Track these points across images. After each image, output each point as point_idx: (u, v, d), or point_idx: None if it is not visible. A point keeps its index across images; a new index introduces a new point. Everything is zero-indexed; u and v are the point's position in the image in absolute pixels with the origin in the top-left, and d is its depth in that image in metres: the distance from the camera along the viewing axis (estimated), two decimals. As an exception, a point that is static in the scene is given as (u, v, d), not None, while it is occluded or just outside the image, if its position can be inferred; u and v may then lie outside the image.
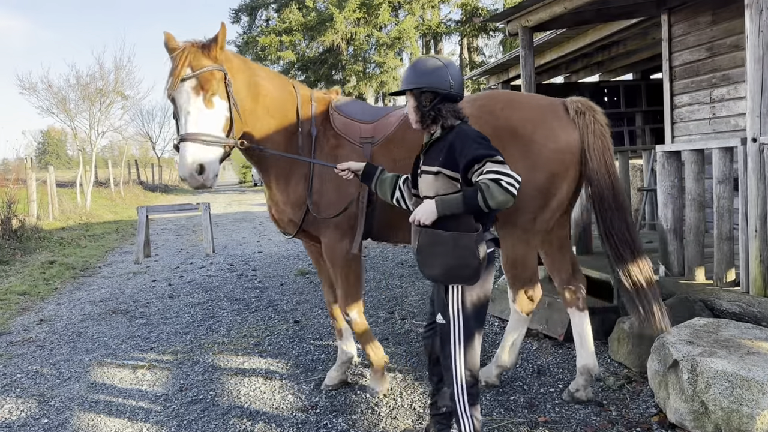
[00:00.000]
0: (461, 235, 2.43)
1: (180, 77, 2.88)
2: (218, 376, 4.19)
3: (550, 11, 5.59)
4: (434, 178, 2.50)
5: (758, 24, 3.53)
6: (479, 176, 2.34)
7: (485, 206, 2.31)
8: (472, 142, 2.43)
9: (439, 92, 2.51)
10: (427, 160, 2.58)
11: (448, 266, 2.46)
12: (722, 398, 2.88)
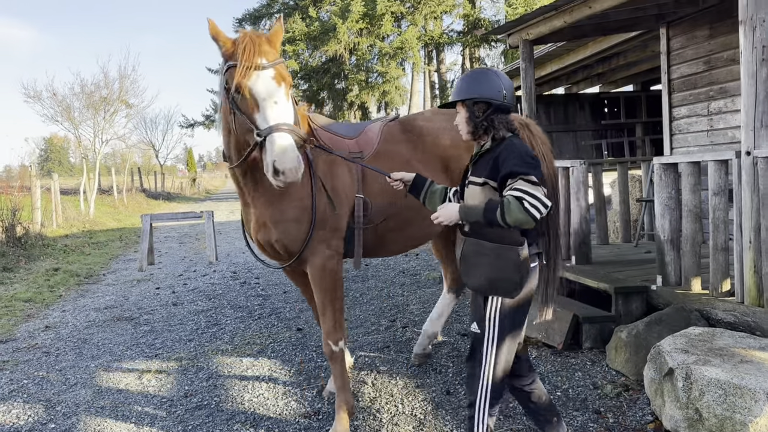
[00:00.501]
0: (504, 248, 2.44)
1: (259, 66, 2.68)
2: (222, 382, 4.25)
3: (550, 25, 5.70)
4: (481, 189, 2.52)
5: (752, 40, 3.63)
6: (507, 191, 2.38)
7: (503, 221, 2.34)
8: (514, 157, 2.44)
9: (492, 103, 2.53)
10: (475, 171, 2.61)
11: (490, 278, 2.48)
12: (716, 405, 2.94)
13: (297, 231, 3.19)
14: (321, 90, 24.22)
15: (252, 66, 2.64)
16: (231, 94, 2.70)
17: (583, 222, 5.48)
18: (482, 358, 2.55)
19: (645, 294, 4.52)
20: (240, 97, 2.68)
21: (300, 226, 3.18)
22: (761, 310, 3.61)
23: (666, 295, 4.35)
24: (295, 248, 3.22)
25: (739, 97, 5.89)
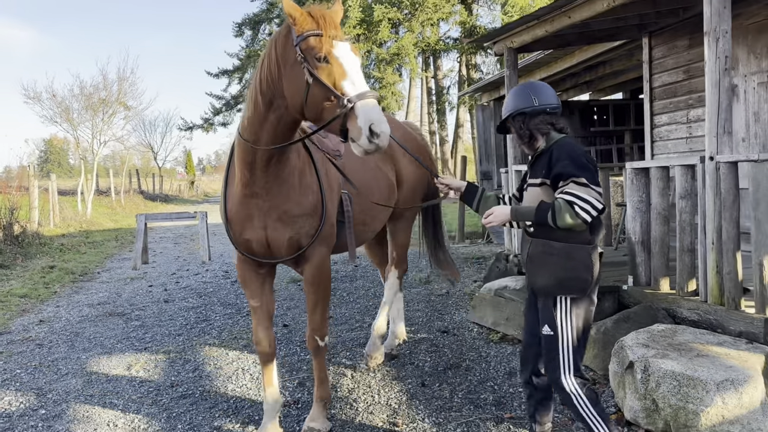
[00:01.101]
0: (574, 247, 2.52)
1: (342, 37, 2.69)
2: (207, 373, 4.41)
3: (532, 34, 5.89)
4: (540, 190, 2.63)
5: (715, 50, 3.81)
6: (559, 194, 2.48)
7: (553, 224, 2.45)
8: (565, 158, 2.53)
9: (525, 111, 2.68)
10: (533, 174, 2.72)
11: (559, 278, 2.54)
12: (670, 396, 3.11)
13: (310, 226, 3.16)
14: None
15: (337, 36, 2.65)
16: (312, 62, 2.60)
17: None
18: (560, 360, 2.60)
19: (617, 293, 4.69)
20: (325, 66, 2.59)
21: (313, 222, 3.17)
22: (722, 309, 3.78)
23: (636, 294, 4.51)
24: (305, 244, 3.16)
25: (716, 106, 6.08)
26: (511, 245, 6.80)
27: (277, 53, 2.75)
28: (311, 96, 2.61)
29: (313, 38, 2.60)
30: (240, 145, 2.96)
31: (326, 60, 2.58)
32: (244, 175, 3.01)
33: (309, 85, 2.60)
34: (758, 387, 3.06)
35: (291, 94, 2.71)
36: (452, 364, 4.42)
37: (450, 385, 4.02)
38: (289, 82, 2.71)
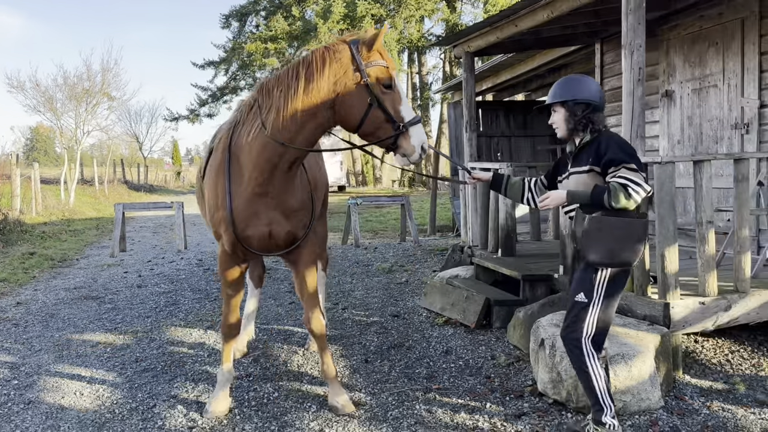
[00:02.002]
0: (633, 222, 2.85)
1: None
2: (171, 351, 4.79)
3: (486, 39, 6.29)
4: (587, 176, 2.95)
5: (630, 62, 4.23)
6: (612, 178, 2.82)
7: (609, 205, 2.79)
8: (615, 146, 2.89)
9: (592, 103, 3.02)
10: (577, 163, 3.03)
11: (615, 250, 2.83)
12: (572, 369, 3.51)
13: (306, 218, 3.49)
14: (303, 88, 24.72)
15: (395, 69, 3.10)
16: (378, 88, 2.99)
17: (508, 218, 6.07)
18: (584, 324, 2.95)
19: (549, 281, 5.12)
20: (389, 93, 3.01)
21: (307, 214, 3.50)
22: (632, 295, 4.21)
23: (565, 282, 4.93)
24: (300, 236, 3.48)
25: (657, 110, 6.55)
26: (467, 238, 7.21)
27: (334, 73, 3.03)
28: (371, 116, 3.02)
29: (380, 68, 3.01)
30: (266, 146, 3.15)
31: (390, 87, 3.02)
32: (260, 175, 3.22)
33: (371, 106, 3.00)
34: (647, 362, 3.49)
35: (346, 111, 3.07)
36: (396, 343, 4.83)
37: (390, 362, 4.43)
38: (345, 100, 3.05)
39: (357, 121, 3.05)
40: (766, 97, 5.28)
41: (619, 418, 3.38)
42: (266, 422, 3.48)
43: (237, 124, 3.39)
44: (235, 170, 3.31)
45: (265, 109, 3.19)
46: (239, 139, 3.30)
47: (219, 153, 3.44)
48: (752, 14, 5.33)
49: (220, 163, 3.39)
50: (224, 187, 3.32)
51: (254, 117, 3.25)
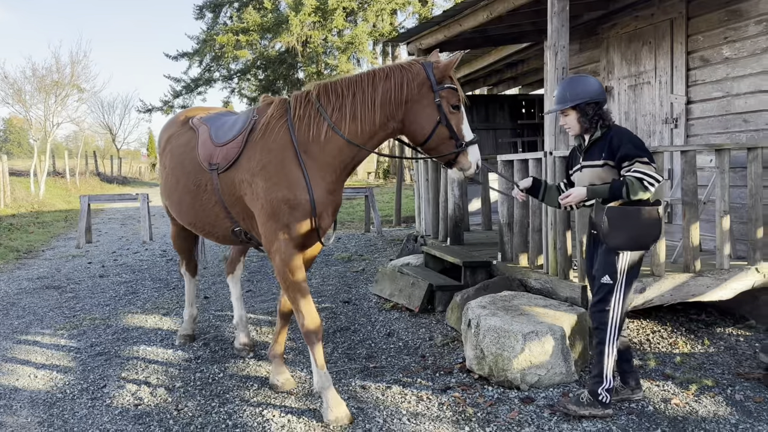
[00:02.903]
0: (647, 209, 3.09)
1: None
2: (125, 336, 5.00)
3: (435, 37, 6.55)
4: (601, 170, 3.19)
5: (554, 63, 4.53)
6: (627, 171, 3.05)
7: (627, 197, 3.03)
8: (628, 141, 3.13)
9: (599, 101, 3.26)
10: (590, 157, 3.27)
11: (635, 236, 3.09)
12: (492, 345, 3.84)
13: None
14: (277, 80, 24.75)
15: (462, 91, 3.35)
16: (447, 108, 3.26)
17: (457, 209, 6.37)
18: (612, 304, 3.19)
19: (489, 267, 5.43)
20: (455, 113, 3.28)
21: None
22: (556, 278, 4.53)
23: (502, 268, 5.25)
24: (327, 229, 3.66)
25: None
26: (420, 228, 7.50)
27: (409, 91, 3.27)
28: (438, 133, 3.29)
29: (451, 90, 3.28)
30: (343, 147, 3.34)
31: (457, 109, 3.30)
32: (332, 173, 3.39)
33: (438, 124, 3.27)
34: (559, 339, 3.80)
35: (416, 127, 3.31)
36: (343, 327, 5.10)
37: (334, 344, 4.70)
38: (416, 115, 3.29)
39: (425, 137, 3.31)
40: (693, 93, 5.63)
41: (535, 390, 3.70)
42: (209, 400, 3.72)
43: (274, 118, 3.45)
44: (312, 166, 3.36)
45: (334, 111, 3.33)
46: (303, 135, 3.36)
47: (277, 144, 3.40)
48: (680, 15, 5.67)
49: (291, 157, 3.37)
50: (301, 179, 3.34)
51: (316, 115, 3.35)
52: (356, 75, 3.42)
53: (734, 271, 4.47)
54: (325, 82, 3.45)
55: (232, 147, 3.59)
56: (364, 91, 3.30)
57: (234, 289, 4.74)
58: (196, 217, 3.91)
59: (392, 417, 3.43)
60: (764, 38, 4.89)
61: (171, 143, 4.17)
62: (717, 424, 3.26)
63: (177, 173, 3.95)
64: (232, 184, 3.58)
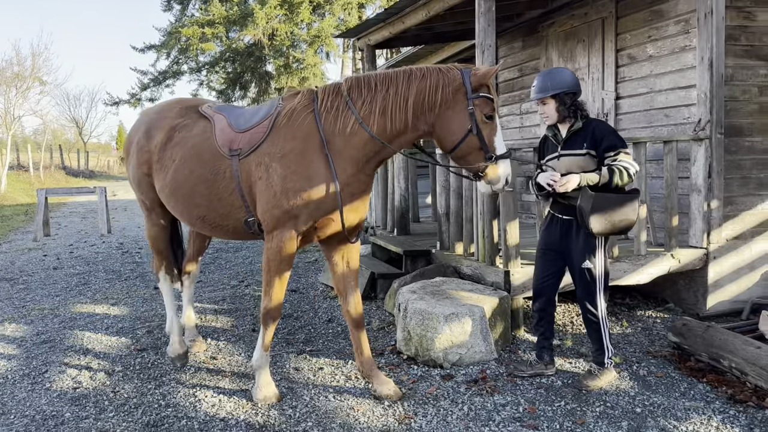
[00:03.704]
0: (630, 197, 3.34)
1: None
2: (71, 326, 5.11)
3: (381, 34, 6.75)
4: (582, 159, 3.40)
5: (482, 60, 4.76)
6: (613, 161, 3.29)
7: (612, 184, 3.28)
8: (611, 133, 3.40)
9: (576, 92, 3.49)
10: (571, 146, 3.47)
11: (616, 221, 3.32)
12: (417, 327, 4.07)
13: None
14: (244, 72, 24.69)
15: (497, 102, 3.30)
16: (480, 117, 3.16)
17: (403, 200, 6.59)
18: (596, 287, 3.52)
19: (428, 256, 5.67)
20: (488, 123, 3.18)
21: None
22: (484, 265, 4.78)
23: (440, 256, 5.49)
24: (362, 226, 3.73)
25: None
26: (371, 219, 7.71)
27: (443, 95, 3.18)
28: (468, 142, 3.18)
29: (486, 99, 3.18)
30: (368, 142, 3.29)
31: (491, 119, 3.20)
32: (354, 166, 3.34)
33: (469, 132, 3.16)
34: (477, 319, 4.05)
35: (445, 132, 3.22)
36: (286, 314, 5.29)
37: (275, 330, 4.88)
38: (448, 121, 3.21)
39: (453, 144, 3.22)
40: (621, 89, 5.93)
41: (456, 368, 3.95)
42: (145, 383, 3.89)
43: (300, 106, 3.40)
44: (339, 159, 3.33)
45: (363, 104, 3.29)
46: (329, 126, 3.33)
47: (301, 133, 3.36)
48: (610, 15, 5.96)
49: (315, 147, 3.33)
50: (326, 171, 3.31)
51: (344, 108, 3.31)
52: (392, 71, 3.35)
53: (650, 257, 4.77)
54: (358, 75, 3.41)
55: (257, 132, 3.47)
56: (397, 87, 3.24)
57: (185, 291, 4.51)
58: (209, 208, 3.66)
59: (319, 395, 3.64)
60: (682, 37, 5.20)
61: (179, 134, 3.80)
62: (617, 396, 3.54)
63: (191, 164, 3.66)
64: (251, 168, 3.45)
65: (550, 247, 3.74)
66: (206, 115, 3.77)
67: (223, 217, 3.64)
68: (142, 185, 4.02)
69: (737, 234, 5.07)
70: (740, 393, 3.54)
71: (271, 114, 3.49)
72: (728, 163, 4.96)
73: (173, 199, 3.79)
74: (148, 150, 3.89)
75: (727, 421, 3.22)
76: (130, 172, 4.10)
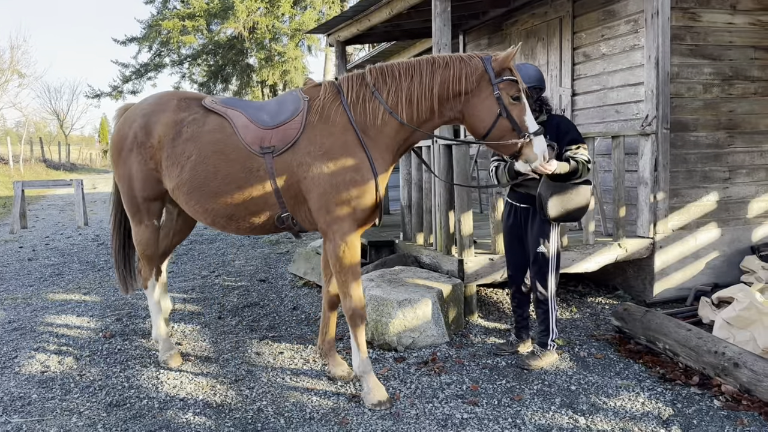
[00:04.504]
0: (583, 187, 3.62)
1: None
2: (42, 313, 5.27)
3: (349, 31, 6.92)
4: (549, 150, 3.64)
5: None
6: (573, 154, 3.54)
7: (577, 174, 3.54)
8: (574, 129, 3.67)
9: (542, 87, 3.72)
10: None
11: (569, 209, 3.60)
12: (373, 312, 4.28)
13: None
14: (226, 65, 24.68)
15: (522, 82, 3.32)
16: (507, 99, 3.23)
17: (370, 192, 6.78)
18: (549, 270, 3.79)
19: (392, 246, 5.88)
20: (516, 104, 3.24)
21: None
22: (441, 254, 5.00)
23: (402, 246, 5.71)
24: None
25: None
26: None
27: (467, 84, 3.25)
28: (499, 125, 3.26)
29: (510, 82, 3.25)
30: (399, 129, 3.37)
31: (518, 100, 3.26)
32: (390, 154, 3.44)
33: (499, 116, 3.24)
34: (429, 305, 4.27)
35: (476, 120, 3.30)
36: (252, 303, 5.48)
37: (240, 318, 5.08)
38: (476, 108, 3.28)
39: (485, 129, 3.30)
40: (577, 86, 6.17)
41: (409, 351, 4.17)
42: (111, 367, 4.06)
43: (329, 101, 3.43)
44: (375, 146, 3.39)
45: (389, 93, 3.35)
46: (360, 117, 3.38)
47: (337, 128, 3.39)
48: (567, 14, 6.18)
49: (353, 140, 3.37)
50: (365, 161, 3.36)
51: (371, 98, 3.36)
52: (415, 60, 3.41)
53: (598, 246, 5.02)
54: (381, 65, 3.43)
55: (291, 128, 3.43)
56: (422, 76, 3.30)
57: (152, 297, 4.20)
58: (239, 207, 3.54)
59: (277, 377, 3.84)
60: (632, 37, 5.44)
61: (188, 129, 3.64)
62: (555, 376, 3.79)
63: (214, 161, 3.52)
64: (289, 167, 3.41)
65: (514, 234, 4.01)
66: (216, 111, 3.63)
67: (254, 213, 3.56)
68: (147, 181, 3.81)
69: (683, 224, 5.34)
70: (671, 372, 3.80)
71: (301, 109, 3.46)
72: (674, 156, 5.22)
73: (194, 197, 3.61)
74: (151, 146, 3.72)
75: (653, 397, 3.47)
76: (127, 168, 3.85)
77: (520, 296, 4.11)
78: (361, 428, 3.16)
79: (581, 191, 3.67)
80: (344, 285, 3.44)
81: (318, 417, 3.29)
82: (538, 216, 3.78)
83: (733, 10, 5.36)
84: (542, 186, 3.67)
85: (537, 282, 3.89)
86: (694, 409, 3.31)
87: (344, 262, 3.40)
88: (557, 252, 3.87)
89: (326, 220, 3.39)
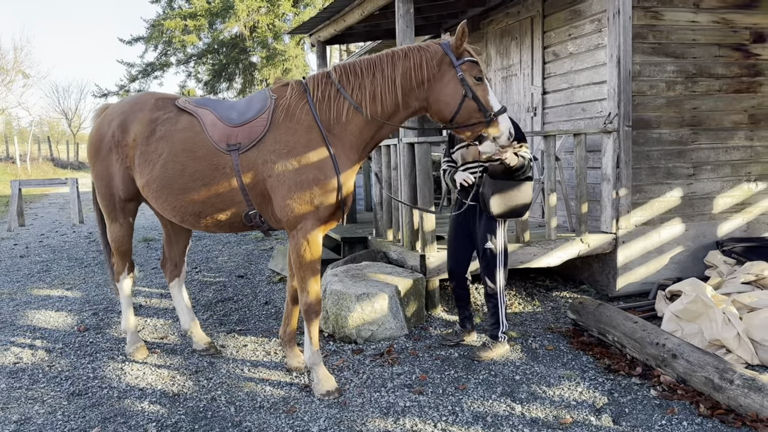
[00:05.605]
0: (526, 184, 3.79)
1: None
2: (24, 308, 5.46)
3: (328, 31, 7.06)
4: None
5: (403, 59, 5.08)
6: (517, 151, 3.64)
7: (523, 169, 3.73)
8: (517, 128, 3.75)
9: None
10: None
11: (512, 206, 3.77)
12: (332, 306, 4.43)
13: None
14: (230, 64, 24.90)
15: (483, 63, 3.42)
16: (471, 81, 3.30)
17: (348, 190, 6.93)
18: (497, 268, 3.94)
19: (365, 242, 6.02)
20: (480, 84, 3.32)
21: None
22: (407, 250, 5.14)
23: (374, 243, 5.85)
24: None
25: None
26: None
27: (429, 70, 3.32)
28: (465, 107, 3.31)
29: (471, 63, 3.35)
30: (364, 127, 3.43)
31: (480, 80, 3.34)
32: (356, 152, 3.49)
33: (465, 98, 3.30)
34: (387, 298, 4.41)
35: (442, 105, 3.35)
36: (227, 298, 5.64)
37: (212, 312, 5.24)
38: (440, 93, 3.33)
39: (452, 113, 3.35)
40: (547, 85, 6.27)
41: (368, 343, 4.32)
42: (81, 359, 4.24)
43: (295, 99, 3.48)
44: (334, 145, 3.43)
45: (354, 90, 3.40)
46: (326, 115, 3.43)
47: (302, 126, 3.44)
48: (538, 14, 6.28)
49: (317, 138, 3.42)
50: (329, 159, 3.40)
51: (336, 95, 3.42)
52: (376, 55, 3.47)
53: (560, 241, 5.13)
54: (344, 63, 3.49)
55: (257, 125, 3.48)
56: (383, 70, 3.34)
57: (179, 296, 4.38)
58: (206, 204, 3.59)
59: (236, 368, 4.00)
60: (596, 36, 5.53)
61: (161, 127, 3.69)
62: (503, 366, 3.91)
63: (182, 159, 3.57)
64: (255, 164, 3.46)
65: (459, 231, 4.14)
66: (188, 110, 3.68)
67: (221, 211, 3.60)
68: (123, 180, 3.87)
69: (646, 220, 5.44)
70: (616, 364, 3.92)
71: (268, 107, 3.51)
72: (637, 153, 5.32)
73: (163, 195, 3.66)
74: (126, 144, 3.77)
75: (593, 387, 3.59)
76: (105, 166, 3.92)
77: (461, 291, 4.25)
78: (307, 416, 3.30)
79: (523, 188, 3.80)
80: (302, 281, 3.54)
81: (268, 406, 3.44)
82: (485, 213, 3.90)
83: (697, 9, 5.43)
84: (484, 184, 3.84)
85: (486, 278, 4.02)
86: (629, 399, 3.42)
87: (305, 259, 3.48)
88: (504, 247, 3.99)
89: (290, 218, 3.46)
